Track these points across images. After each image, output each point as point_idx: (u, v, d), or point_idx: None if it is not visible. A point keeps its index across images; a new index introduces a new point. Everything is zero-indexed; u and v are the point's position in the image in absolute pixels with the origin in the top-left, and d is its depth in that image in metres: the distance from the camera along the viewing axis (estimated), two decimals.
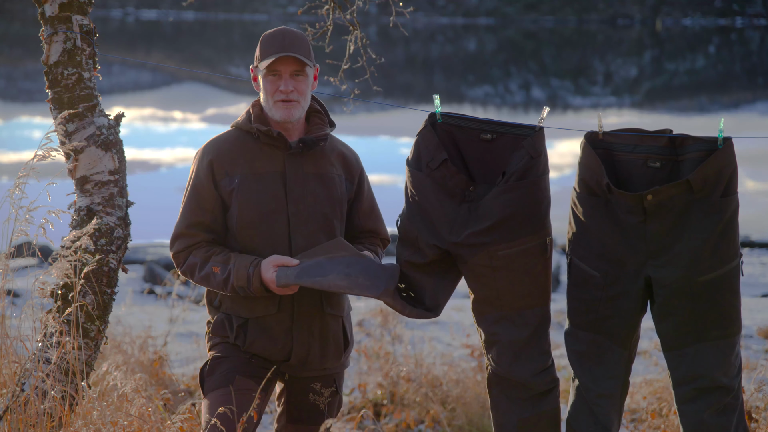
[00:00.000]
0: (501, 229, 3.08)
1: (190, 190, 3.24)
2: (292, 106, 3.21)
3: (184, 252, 3.22)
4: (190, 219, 3.21)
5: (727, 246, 2.98)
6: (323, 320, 3.26)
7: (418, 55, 45.89)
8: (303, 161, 3.25)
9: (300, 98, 3.21)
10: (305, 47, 3.23)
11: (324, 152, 3.30)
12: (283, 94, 3.19)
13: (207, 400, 3.19)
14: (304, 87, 3.22)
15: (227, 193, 3.21)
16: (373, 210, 3.41)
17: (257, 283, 3.10)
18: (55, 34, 3.47)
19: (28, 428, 3.16)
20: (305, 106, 3.25)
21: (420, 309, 3.19)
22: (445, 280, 3.20)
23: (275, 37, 3.21)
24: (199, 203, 3.22)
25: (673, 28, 67.31)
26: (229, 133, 3.30)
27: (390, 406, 5.56)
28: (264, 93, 3.23)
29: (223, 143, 3.26)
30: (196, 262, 3.18)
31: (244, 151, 3.23)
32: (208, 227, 3.22)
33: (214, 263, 3.15)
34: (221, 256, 3.17)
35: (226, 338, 3.25)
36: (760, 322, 8.26)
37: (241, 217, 3.19)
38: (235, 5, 71.70)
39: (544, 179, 3.12)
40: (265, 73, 3.21)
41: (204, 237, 3.21)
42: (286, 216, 3.20)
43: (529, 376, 3.15)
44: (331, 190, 3.27)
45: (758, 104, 29.35)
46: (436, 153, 3.13)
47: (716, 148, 2.96)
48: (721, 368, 3.02)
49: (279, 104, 3.20)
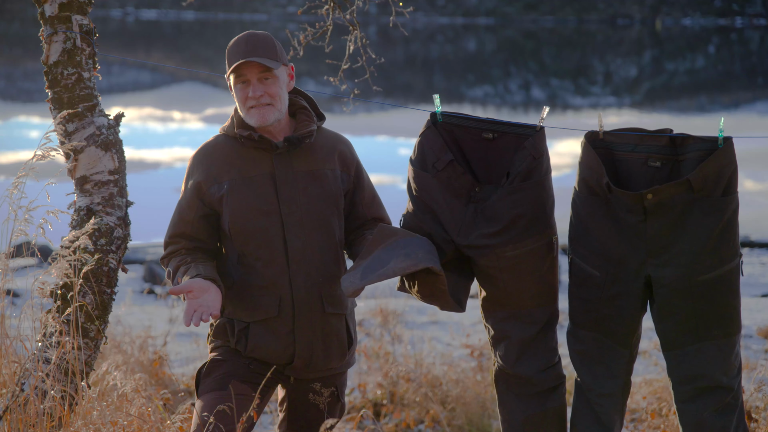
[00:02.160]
0: (508, 231, 3.08)
1: (179, 200, 3.29)
2: (266, 110, 3.17)
3: (167, 258, 3.28)
4: (173, 230, 3.26)
5: (727, 245, 2.98)
6: (325, 320, 3.24)
7: (417, 55, 45.88)
8: (292, 160, 3.23)
9: (273, 100, 3.17)
10: (270, 49, 3.17)
11: (314, 148, 3.27)
12: (253, 100, 3.16)
13: (200, 402, 3.18)
14: (274, 89, 3.17)
15: (217, 200, 3.20)
16: (375, 198, 3.40)
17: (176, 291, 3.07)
18: (55, 34, 3.47)
19: (27, 428, 3.16)
20: (281, 108, 3.20)
21: (453, 302, 3.15)
22: (461, 277, 3.20)
23: (238, 44, 3.17)
24: (180, 214, 3.26)
25: (673, 28, 67.33)
26: (217, 138, 3.29)
27: (390, 406, 5.56)
28: (237, 100, 3.21)
29: (210, 150, 3.26)
30: (170, 271, 3.23)
31: (232, 156, 3.22)
32: (189, 236, 3.24)
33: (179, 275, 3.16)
34: (183, 267, 3.18)
35: (227, 342, 3.25)
36: (760, 322, 8.25)
37: (234, 221, 3.18)
38: (235, 5, 71.72)
39: (548, 179, 3.13)
40: (234, 81, 3.18)
41: (185, 245, 3.25)
42: (280, 217, 3.19)
43: (535, 372, 3.16)
44: (325, 187, 3.24)
45: (758, 104, 29.34)
46: (442, 154, 3.13)
47: (716, 147, 2.96)
48: (721, 368, 3.02)
49: (251, 111, 3.17)
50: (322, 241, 3.22)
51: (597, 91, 34.81)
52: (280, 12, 68.66)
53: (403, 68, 37.85)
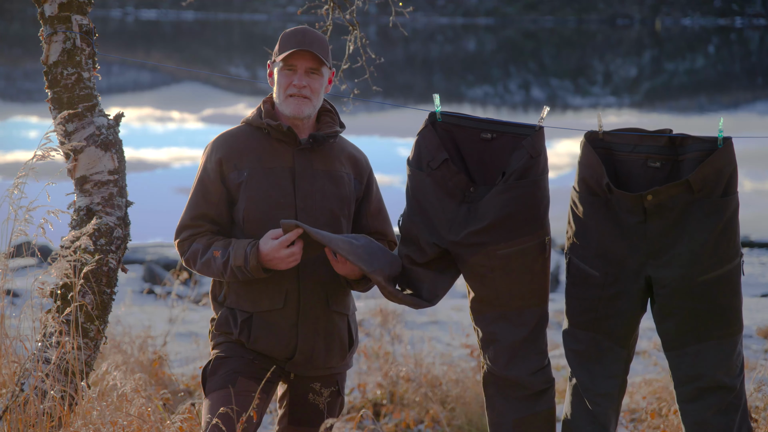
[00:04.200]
0: (500, 229, 3.08)
1: (197, 182, 3.27)
2: (303, 103, 3.22)
3: (188, 240, 3.23)
4: (196, 211, 3.23)
5: (727, 245, 2.98)
6: (329, 317, 3.26)
7: (417, 54, 45.87)
8: (312, 158, 3.26)
9: (312, 96, 3.23)
10: (324, 47, 3.25)
11: (333, 151, 3.32)
12: (295, 88, 3.21)
13: (208, 401, 3.18)
14: (317, 86, 3.24)
15: (235, 186, 3.22)
16: (381, 211, 3.42)
17: (254, 261, 3.09)
18: (55, 34, 3.47)
19: (27, 428, 3.16)
20: (316, 105, 3.26)
21: (414, 297, 3.17)
22: (443, 275, 3.20)
23: (296, 33, 3.24)
24: (204, 196, 3.23)
25: (673, 28, 67.31)
26: (240, 128, 3.32)
27: (389, 406, 5.56)
28: (277, 86, 3.25)
29: (233, 137, 3.28)
30: (199, 248, 3.20)
31: (254, 146, 3.25)
32: (212, 219, 3.23)
33: (215, 248, 3.16)
34: (223, 241, 3.19)
35: (230, 335, 3.25)
36: (760, 322, 8.26)
37: (249, 210, 3.20)
38: (234, 5, 71.68)
39: (544, 179, 3.13)
40: (281, 67, 3.24)
41: (208, 227, 3.23)
42: (294, 211, 3.21)
43: (525, 375, 3.15)
44: (340, 188, 3.28)
45: (758, 104, 29.34)
46: (437, 153, 3.14)
47: (716, 147, 2.96)
48: (723, 368, 3.02)
49: (290, 99, 3.22)
50: None
51: (597, 91, 34.81)
52: (280, 12, 68.62)
53: (403, 68, 37.85)
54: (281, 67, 3.23)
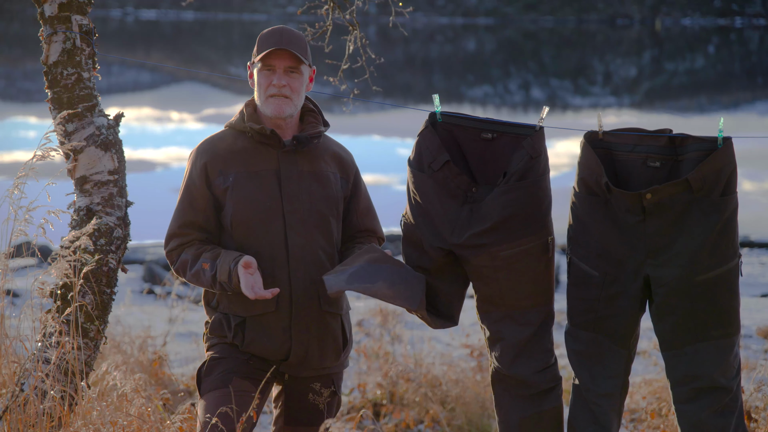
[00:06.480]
0: (502, 230, 3.08)
1: (184, 190, 3.25)
2: (284, 102, 3.20)
3: (177, 250, 3.22)
4: (183, 219, 3.22)
5: (726, 245, 2.99)
6: (322, 318, 3.25)
7: (417, 55, 45.86)
8: (298, 159, 3.25)
9: (292, 95, 3.21)
10: (302, 46, 3.23)
11: (318, 151, 3.30)
12: (275, 88, 3.19)
13: (204, 401, 3.18)
14: (297, 85, 3.22)
15: (221, 191, 3.21)
16: (370, 209, 3.42)
17: (236, 280, 3.09)
18: (55, 34, 3.47)
19: (27, 428, 3.16)
20: (297, 105, 3.25)
21: (442, 320, 3.22)
22: (455, 285, 3.22)
23: (273, 33, 3.22)
24: (191, 203, 3.22)
25: (673, 28, 67.32)
26: (223, 132, 3.30)
27: (389, 406, 5.56)
28: (257, 87, 3.24)
29: (217, 142, 3.26)
30: (187, 259, 3.18)
31: (239, 150, 3.23)
32: (200, 227, 3.22)
33: (204, 260, 3.15)
34: (211, 252, 3.17)
35: (224, 338, 3.25)
36: (760, 322, 8.26)
37: (236, 215, 3.19)
38: (234, 5, 71.69)
39: (545, 179, 3.13)
40: (260, 68, 3.22)
41: (197, 236, 3.22)
42: (282, 214, 3.20)
43: (530, 374, 3.16)
44: (327, 188, 3.27)
45: (757, 104, 29.34)
46: (438, 154, 3.14)
47: (716, 147, 2.96)
48: (720, 368, 3.02)
49: (271, 99, 3.21)
50: (321, 241, 3.23)
51: (596, 91, 34.81)
52: (279, 12, 68.64)
53: (403, 68, 37.85)
54: (260, 67, 3.22)
